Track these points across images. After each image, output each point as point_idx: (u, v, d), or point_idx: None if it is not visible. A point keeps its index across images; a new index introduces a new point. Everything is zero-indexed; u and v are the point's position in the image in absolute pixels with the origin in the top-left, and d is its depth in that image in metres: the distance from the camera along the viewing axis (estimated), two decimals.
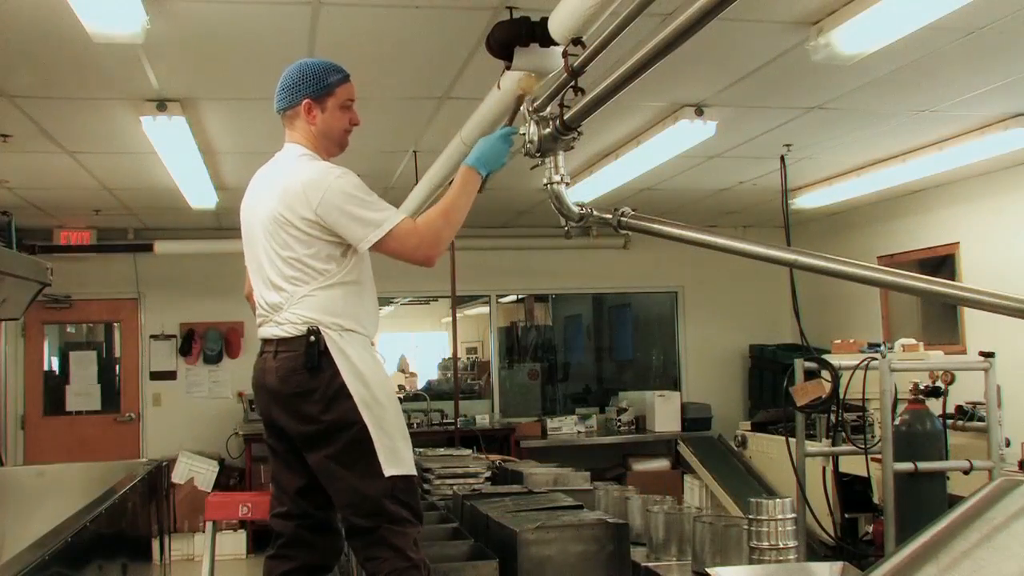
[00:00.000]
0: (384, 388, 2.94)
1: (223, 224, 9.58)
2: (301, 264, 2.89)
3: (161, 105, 5.23)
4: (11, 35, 4.23)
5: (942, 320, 8.35)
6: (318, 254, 2.88)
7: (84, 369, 9.84)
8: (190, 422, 9.58)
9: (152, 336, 9.82)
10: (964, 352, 7.79)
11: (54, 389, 9.76)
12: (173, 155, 6.13)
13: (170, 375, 9.82)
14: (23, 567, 2.64)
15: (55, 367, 9.98)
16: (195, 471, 7.19)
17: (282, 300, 2.91)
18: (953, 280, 7.85)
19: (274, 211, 2.92)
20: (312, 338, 2.84)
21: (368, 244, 2.87)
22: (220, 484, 6.72)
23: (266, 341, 2.99)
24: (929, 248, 8.48)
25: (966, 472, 4.94)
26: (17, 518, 4.91)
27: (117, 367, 9.95)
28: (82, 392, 9.77)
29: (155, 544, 5.28)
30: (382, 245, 2.88)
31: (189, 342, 9.80)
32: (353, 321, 2.94)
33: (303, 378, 2.84)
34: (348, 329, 2.91)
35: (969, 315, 7.90)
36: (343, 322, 2.90)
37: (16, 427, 9.39)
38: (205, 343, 9.82)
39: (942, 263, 8.31)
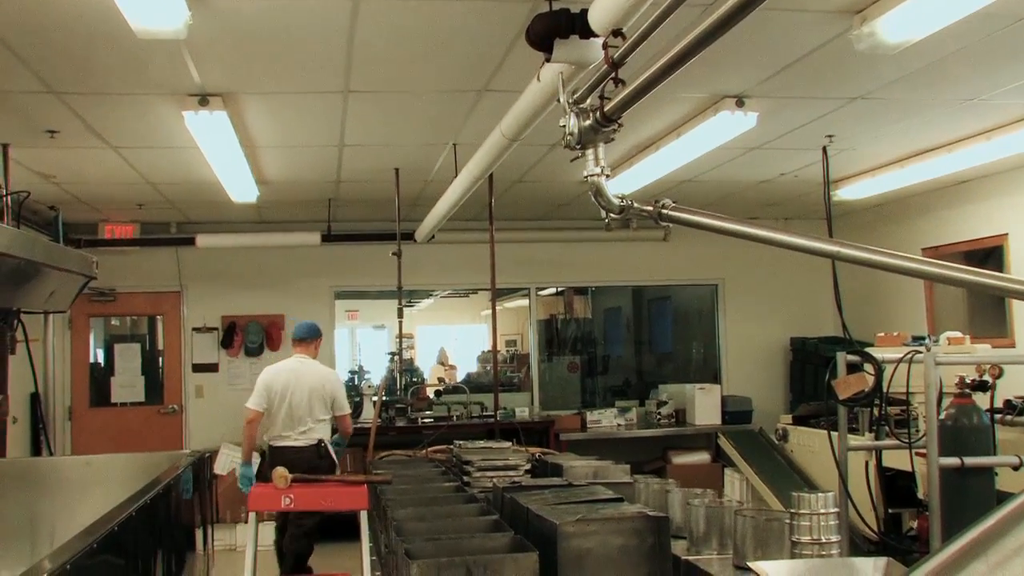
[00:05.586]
0: None
1: (264, 218, 9.67)
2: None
3: (203, 100, 5.29)
4: (57, 33, 4.29)
5: (989, 313, 8.22)
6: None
7: (128, 361, 10.00)
8: (232, 414, 9.64)
9: (194, 329, 9.95)
10: (1013, 346, 7.68)
11: (100, 381, 9.94)
12: (215, 149, 6.19)
13: (212, 367, 9.94)
14: (73, 554, 2.68)
15: (100, 359, 10.15)
16: (237, 462, 7.26)
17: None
18: (1001, 272, 7.72)
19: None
20: None
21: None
22: (261, 475, 6.79)
23: None
24: (976, 239, 8.34)
25: (1015, 468, 4.85)
26: (66, 506, 5.01)
27: (160, 359, 10.11)
28: (127, 384, 9.93)
29: (199, 534, 5.36)
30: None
31: (231, 335, 9.91)
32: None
33: None
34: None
35: (1018, 307, 7.77)
36: None
37: (64, 418, 9.55)
38: (246, 335, 9.92)
39: (989, 255, 8.18)
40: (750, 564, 2.47)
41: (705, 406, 9.82)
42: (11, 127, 5.83)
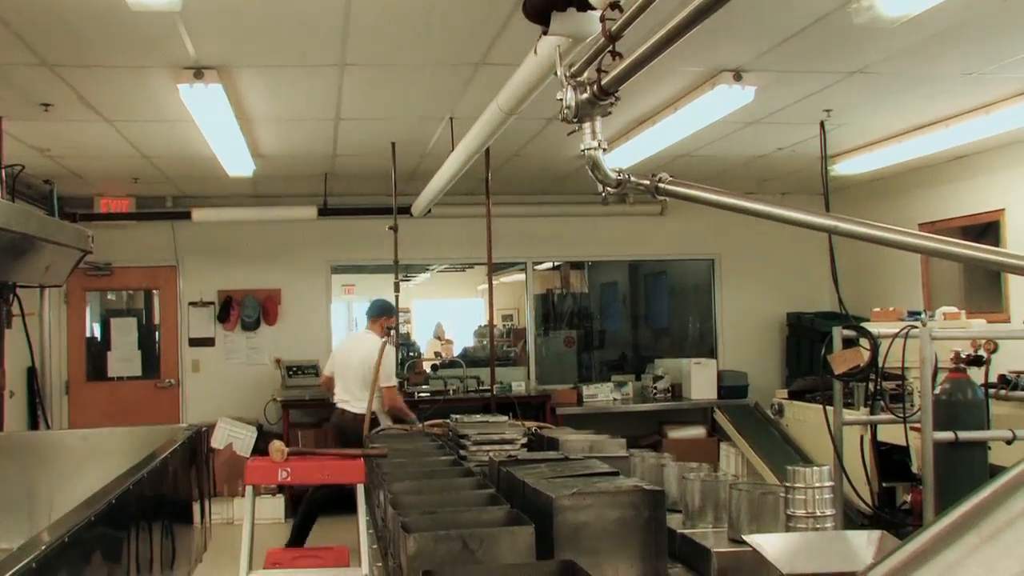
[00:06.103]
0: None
1: (260, 192, 9.64)
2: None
3: (198, 73, 5.25)
4: (50, 4, 4.26)
5: (985, 288, 8.23)
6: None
7: (125, 336, 10.00)
8: (228, 388, 9.70)
9: (191, 303, 9.94)
10: (1008, 320, 7.69)
11: (96, 355, 9.94)
12: (210, 123, 6.16)
13: (208, 342, 9.94)
14: (71, 527, 2.69)
15: (97, 333, 10.15)
16: (234, 436, 7.28)
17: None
18: (997, 247, 7.72)
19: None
20: None
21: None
22: (258, 449, 6.83)
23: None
24: (973, 215, 8.34)
25: (1008, 442, 4.88)
26: (63, 480, 5.02)
27: (157, 334, 10.10)
28: (123, 358, 9.93)
29: (196, 507, 5.37)
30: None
31: (227, 309, 9.90)
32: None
33: None
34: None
35: (1014, 282, 7.78)
36: None
37: (61, 392, 9.57)
38: (243, 310, 9.92)
39: (986, 230, 8.18)
40: (745, 537, 2.48)
41: (701, 381, 9.85)
42: (5, 100, 5.79)
